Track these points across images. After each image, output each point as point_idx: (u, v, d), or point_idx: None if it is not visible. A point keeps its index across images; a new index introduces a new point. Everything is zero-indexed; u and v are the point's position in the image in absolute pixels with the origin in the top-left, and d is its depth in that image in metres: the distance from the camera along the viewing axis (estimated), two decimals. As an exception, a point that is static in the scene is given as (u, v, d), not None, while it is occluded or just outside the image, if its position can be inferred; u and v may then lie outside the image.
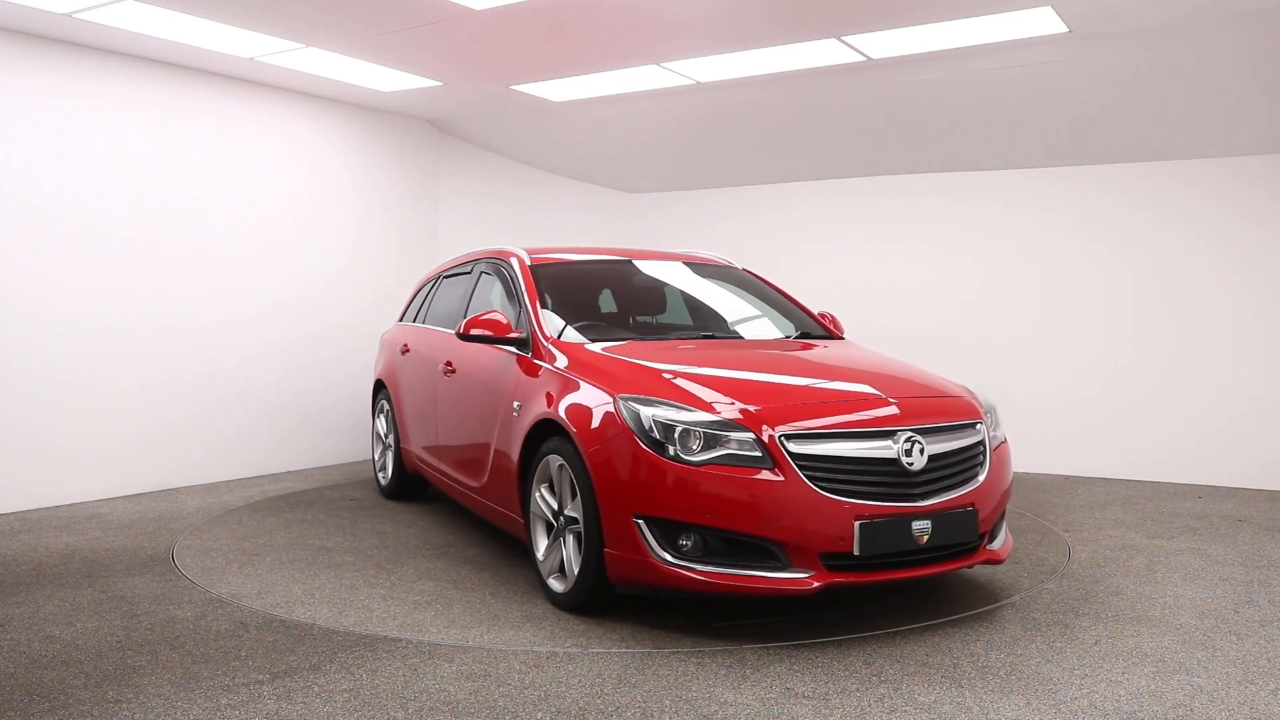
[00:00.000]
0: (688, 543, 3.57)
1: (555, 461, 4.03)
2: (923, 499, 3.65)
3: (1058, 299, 7.24)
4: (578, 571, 3.87)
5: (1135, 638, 3.64)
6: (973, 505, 3.76)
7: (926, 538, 3.61)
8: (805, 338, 4.92)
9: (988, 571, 4.52)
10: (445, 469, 5.39)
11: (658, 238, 8.88)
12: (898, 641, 3.60)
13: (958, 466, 3.81)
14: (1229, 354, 6.64)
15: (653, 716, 2.96)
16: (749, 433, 3.59)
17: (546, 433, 4.13)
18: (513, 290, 4.97)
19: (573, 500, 3.93)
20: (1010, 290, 7.43)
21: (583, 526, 3.83)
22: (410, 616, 3.94)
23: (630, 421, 3.67)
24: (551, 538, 4.10)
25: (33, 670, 3.34)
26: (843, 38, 5.62)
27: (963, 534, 3.74)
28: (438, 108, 7.77)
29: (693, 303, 5.32)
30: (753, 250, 7.84)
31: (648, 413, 3.66)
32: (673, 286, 5.39)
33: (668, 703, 3.05)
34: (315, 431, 7.55)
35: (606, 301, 5.23)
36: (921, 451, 3.67)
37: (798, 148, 7.75)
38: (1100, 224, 7.08)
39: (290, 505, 6.16)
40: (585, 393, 3.95)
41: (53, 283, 6.01)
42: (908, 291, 7.78)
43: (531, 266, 4.99)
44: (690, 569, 3.55)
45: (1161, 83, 5.95)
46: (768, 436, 3.58)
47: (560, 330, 4.55)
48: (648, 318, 5.19)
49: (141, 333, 6.44)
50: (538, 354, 4.42)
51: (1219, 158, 6.64)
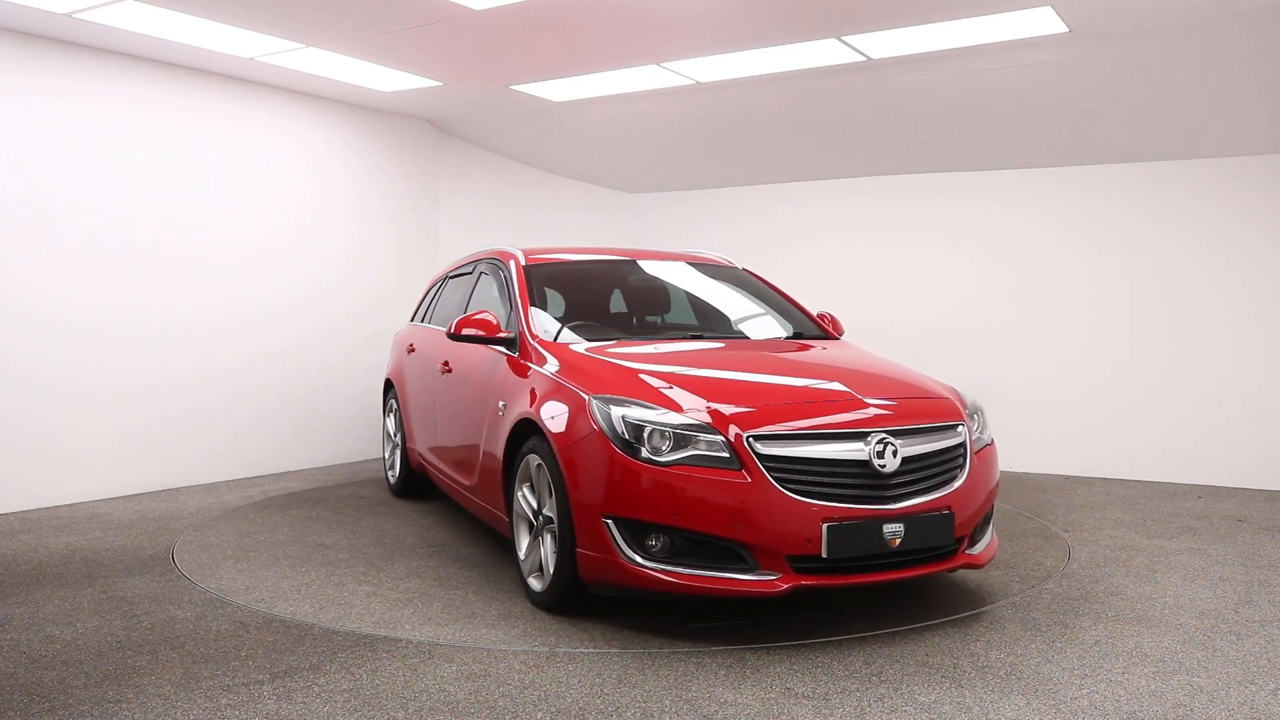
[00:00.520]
0: (656, 543, 3.56)
1: (534, 461, 4.03)
2: (895, 502, 3.59)
3: (1058, 299, 7.24)
4: (553, 571, 3.88)
5: (1135, 638, 3.64)
6: (949, 509, 3.69)
7: (899, 541, 3.55)
8: (799, 338, 4.90)
9: (988, 572, 4.52)
10: (443, 468, 5.40)
11: (658, 238, 8.88)
12: (898, 641, 3.60)
13: (934, 469, 3.75)
14: (1229, 354, 6.64)
15: (653, 716, 2.96)
16: (717, 434, 3.57)
17: (528, 432, 4.13)
18: (507, 290, 4.98)
19: (550, 500, 3.92)
20: (1010, 290, 7.43)
21: (557, 526, 3.84)
22: (389, 613, 3.97)
23: (602, 422, 3.67)
24: (532, 537, 4.11)
25: (33, 670, 3.34)
26: (843, 38, 5.62)
27: (938, 538, 3.67)
28: (438, 108, 7.77)
29: (687, 303, 5.31)
30: (753, 250, 7.84)
31: (618, 413, 3.65)
32: (669, 287, 5.38)
33: (668, 703, 3.05)
34: (316, 432, 7.55)
35: (601, 302, 5.22)
36: (895, 454, 3.61)
37: (798, 148, 7.75)
38: (1100, 224, 7.08)
39: (298, 503, 6.21)
40: (563, 393, 3.95)
41: (53, 283, 6.01)
42: (908, 291, 7.78)
43: (526, 267, 5.00)
44: (658, 570, 3.54)
45: (1161, 83, 5.95)
46: (735, 437, 3.56)
47: (549, 330, 4.56)
48: (642, 318, 5.18)
49: (141, 333, 6.44)
50: (525, 354, 4.42)
51: (1219, 158, 6.64)
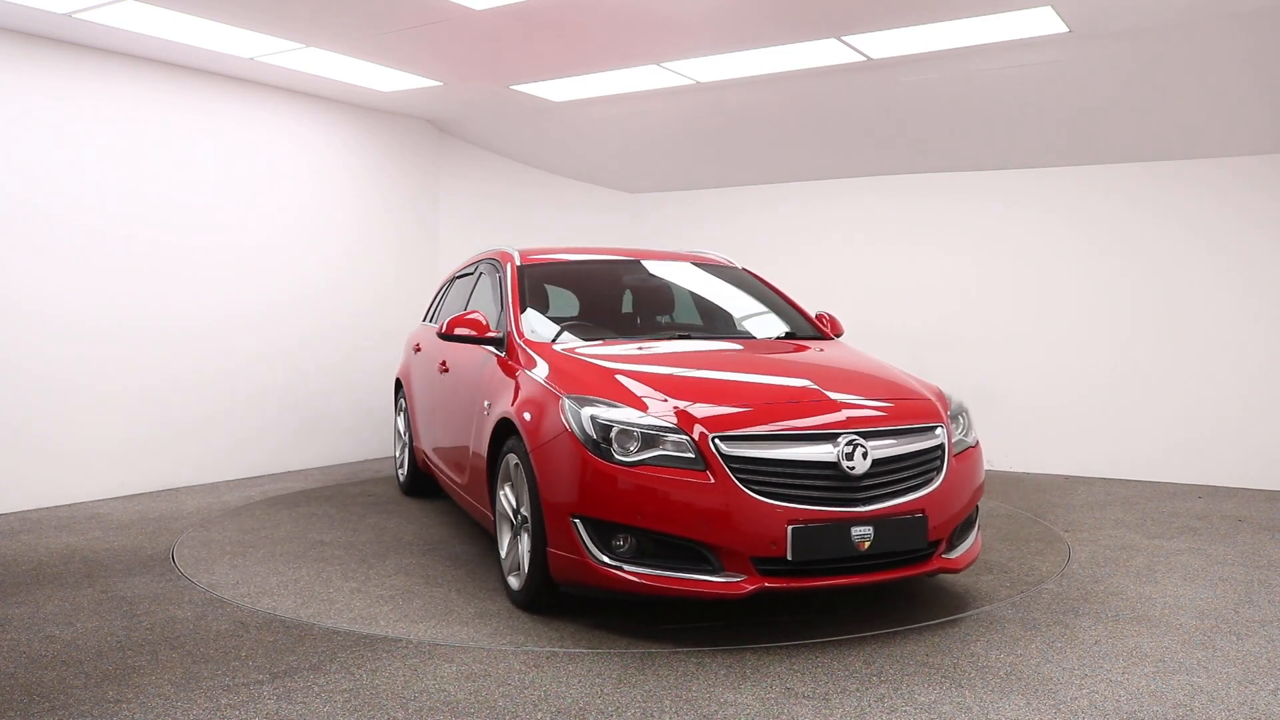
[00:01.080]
0: (622, 544, 3.56)
1: (513, 460, 4.04)
2: (865, 504, 3.54)
3: (1058, 299, 7.24)
4: (527, 570, 3.89)
5: (1135, 638, 3.64)
6: (922, 511, 3.64)
7: (868, 544, 3.51)
8: (793, 338, 4.87)
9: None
10: (442, 466, 5.43)
11: (658, 238, 8.88)
12: (898, 641, 3.60)
13: (907, 471, 3.69)
14: (1229, 354, 6.64)
15: (653, 716, 2.96)
16: (683, 434, 3.56)
17: (509, 431, 4.14)
18: (500, 290, 4.99)
19: (527, 499, 3.93)
20: (1010, 290, 7.43)
21: (530, 525, 3.85)
22: (368, 609, 4.00)
23: (572, 421, 3.67)
24: (512, 536, 4.12)
25: (33, 670, 3.34)
26: (843, 38, 5.62)
27: (910, 541, 3.62)
28: (438, 108, 7.77)
29: (683, 303, 5.30)
30: (753, 250, 7.84)
31: (587, 412, 3.66)
32: (664, 287, 5.36)
33: (668, 703, 3.05)
34: (316, 432, 7.55)
35: (596, 301, 5.23)
36: (864, 455, 3.56)
37: (798, 148, 7.75)
38: (1100, 224, 7.08)
39: (307, 500, 6.27)
40: (540, 392, 3.96)
41: (53, 283, 6.01)
42: (908, 291, 7.78)
43: (520, 267, 5.00)
44: (625, 570, 3.53)
45: (1161, 83, 5.95)
46: (700, 437, 3.54)
47: (537, 330, 4.57)
48: (635, 318, 5.17)
49: (141, 333, 6.44)
50: (511, 354, 4.43)
51: (1219, 158, 6.64)
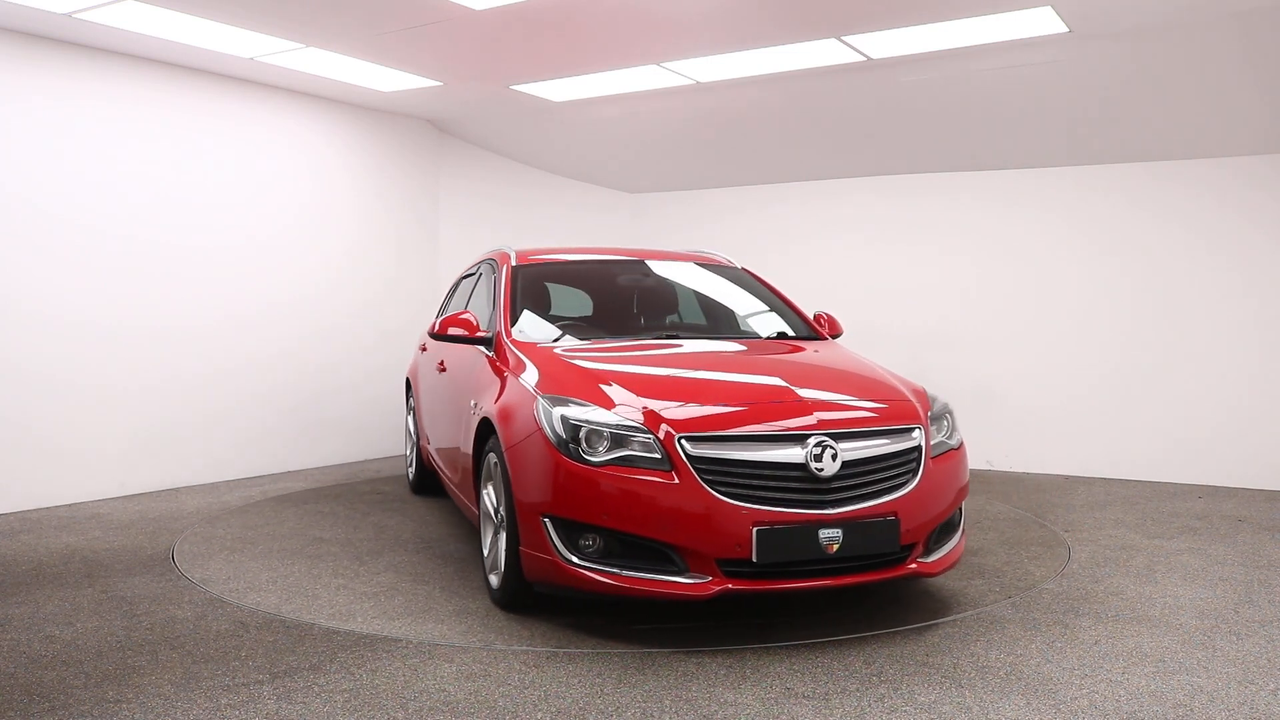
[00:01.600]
0: (590, 544, 3.56)
1: (492, 459, 4.05)
2: (834, 506, 3.50)
3: (1057, 299, 7.24)
4: (503, 569, 3.91)
5: (1135, 638, 3.64)
6: (895, 514, 3.58)
7: (836, 547, 3.47)
8: (784, 338, 4.85)
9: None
10: (441, 465, 5.46)
11: (658, 238, 8.88)
12: (898, 641, 3.60)
13: (880, 473, 3.64)
14: (1229, 354, 6.64)
15: (653, 716, 2.96)
16: (649, 434, 3.55)
17: (492, 430, 4.15)
18: (494, 290, 5.01)
19: (503, 497, 3.95)
20: (1010, 290, 7.42)
21: (505, 524, 3.87)
22: (348, 606, 4.03)
23: (543, 421, 3.68)
24: (494, 535, 4.13)
25: (33, 670, 3.34)
26: (843, 38, 5.62)
27: (881, 545, 3.56)
28: (438, 108, 7.77)
29: (676, 303, 5.28)
30: (753, 250, 7.83)
31: (558, 412, 3.66)
32: (659, 287, 5.35)
33: (668, 703, 3.05)
34: (316, 432, 7.55)
35: (591, 301, 5.23)
36: (834, 457, 3.51)
37: (798, 148, 7.75)
38: (1100, 224, 7.08)
39: (315, 498, 6.32)
40: (519, 391, 3.97)
41: (53, 282, 6.01)
42: (908, 291, 7.78)
43: (515, 267, 5.02)
44: (593, 570, 3.53)
45: (1161, 83, 5.95)
46: (666, 437, 3.53)
47: (526, 330, 4.58)
48: (628, 318, 5.16)
49: (141, 333, 6.44)
50: (499, 354, 4.44)
51: (1219, 158, 6.64)
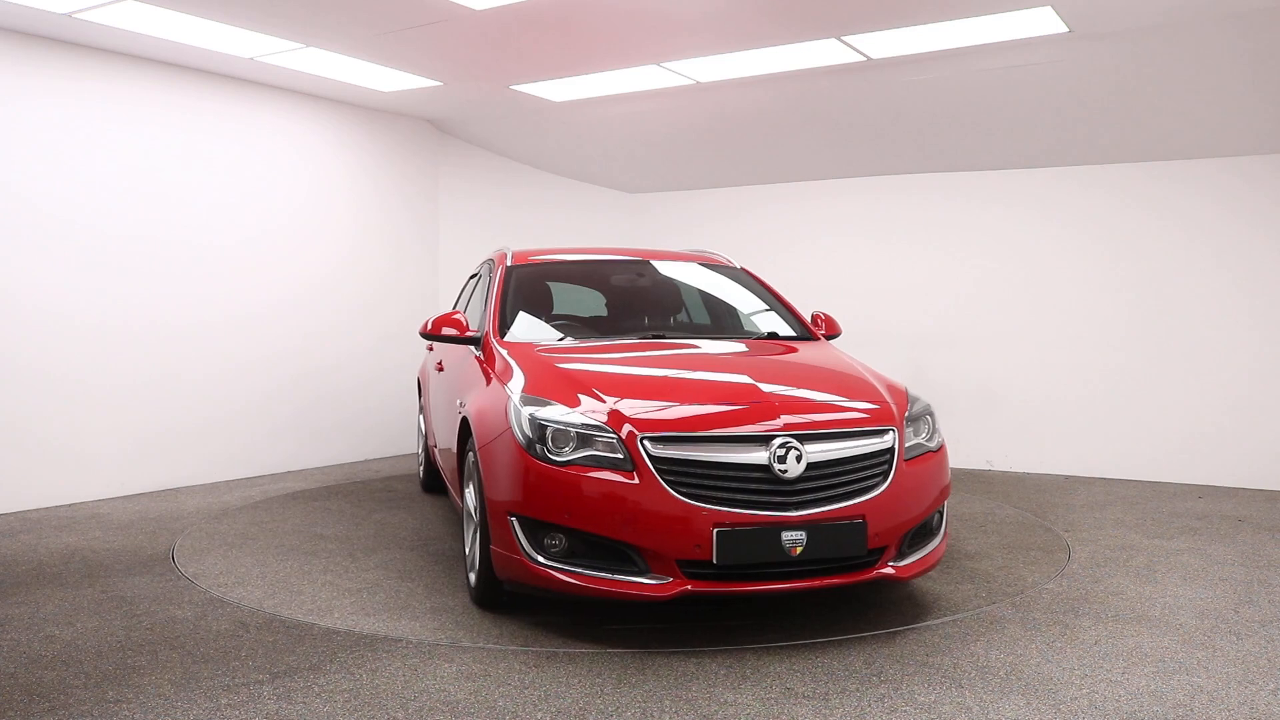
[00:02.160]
0: (555, 543, 3.57)
1: (472, 458, 4.07)
2: (797, 509, 3.46)
3: (1057, 298, 7.24)
4: (478, 567, 3.93)
5: (1135, 638, 3.64)
6: (862, 517, 3.53)
7: (800, 550, 3.43)
8: (774, 338, 4.83)
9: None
10: (440, 463, 5.50)
11: (658, 238, 8.88)
12: (898, 641, 3.60)
13: (847, 476, 3.59)
14: (1229, 354, 6.64)
15: (653, 716, 2.96)
16: (612, 434, 3.55)
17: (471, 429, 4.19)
18: (488, 290, 5.03)
19: (478, 496, 3.98)
20: (1010, 290, 7.43)
21: (479, 522, 3.90)
22: (328, 602, 4.08)
23: (513, 420, 3.70)
24: (474, 533, 4.14)
25: (33, 670, 3.34)
26: (843, 38, 5.62)
27: (847, 548, 3.52)
28: (438, 108, 7.77)
29: (668, 303, 5.27)
30: (753, 250, 7.84)
31: (526, 412, 3.67)
32: (652, 287, 5.34)
33: (668, 703, 3.05)
34: (316, 432, 7.55)
35: (582, 301, 5.24)
36: (799, 459, 3.48)
37: (798, 148, 7.75)
38: (1100, 224, 7.08)
39: (327, 495, 6.39)
40: (496, 390, 4.00)
41: (53, 282, 6.01)
42: (907, 291, 7.78)
43: (509, 267, 5.03)
44: (558, 569, 3.54)
45: (1161, 83, 5.95)
46: (628, 436, 3.52)
47: (513, 330, 4.59)
48: (618, 317, 5.15)
49: (141, 332, 6.44)
50: (487, 353, 4.46)
51: (1218, 158, 6.64)
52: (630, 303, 5.27)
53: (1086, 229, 7.13)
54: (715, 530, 3.40)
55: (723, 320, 5.16)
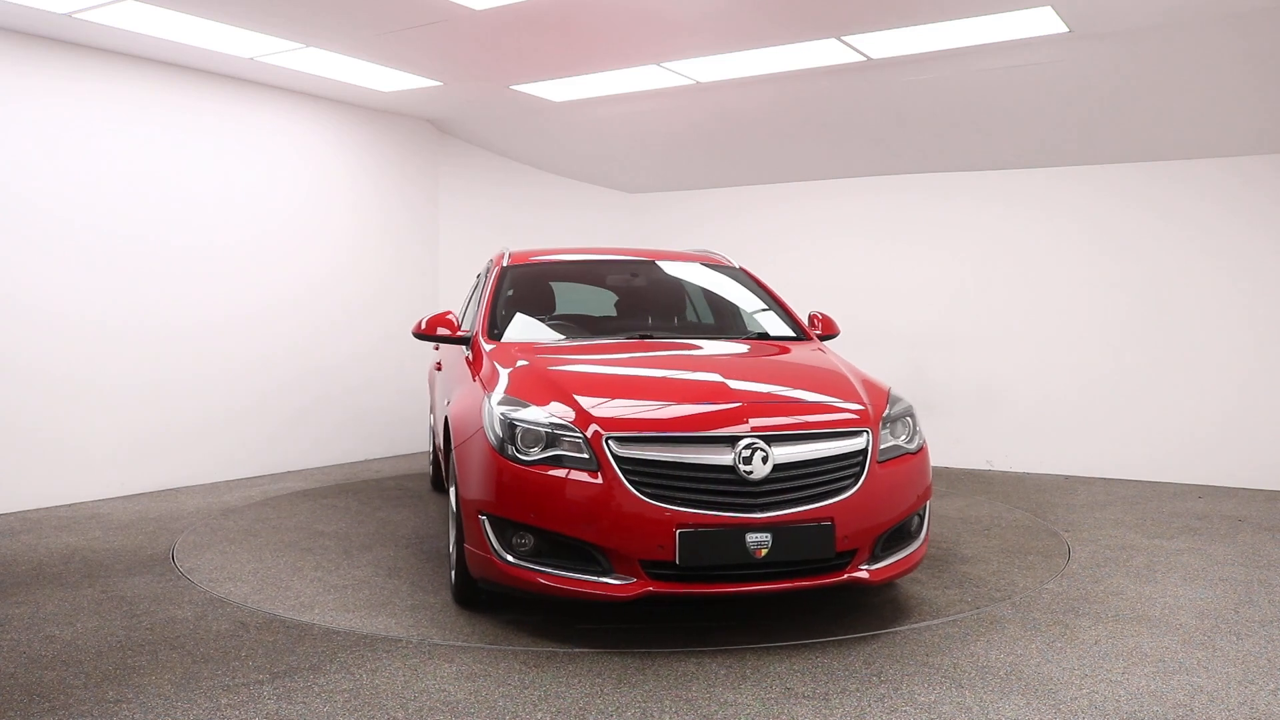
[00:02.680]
0: (523, 542, 3.58)
1: (454, 457, 4.09)
2: (762, 510, 3.44)
3: (1057, 298, 7.24)
4: (456, 565, 3.97)
5: (1135, 638, 3.64)
6: (830, 520, 3.50)
7: (765, 552, 3.41)
8: (764, 338, 4.81)
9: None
10: (441, 462, 5.46)
11: (658, 238, 8.88)
12: (898, 641, 3.60)
13: (816, 478, 3.56)
14: (1229, 354, 6.64)
15: (653, 716, 2.96)
16: (578, 433, 3.55)
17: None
18: (482, 290, 5.04)
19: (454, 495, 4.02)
20: (1010, 290, 7.43)
21: (455, 521, 3.93)
22: (313, 598, 4.12)
23: (487, 420, 3.72)
24: (456, 532, 4.16)
25: (33, 670, 3.34)
26: (843, 38, 5.62)
27: (814, 551, 3.48)
28: (438, 108, 7.77)
29: (662, 303, 5.26)
30: (753, 250, 7.83)
31: (498, 411, 3.69)
32: (646, 287, 5.32)
33: (668, 703, 3.05)
34: (316, 431, 7.55)
35: (576, 301, 5.23)
36: (765, 460, 3.46)
37: (798, 148, 7.75)
38: (1100, 224, 7.08)
39: (337, 493, 6.43)
40: (473, 391, 4.03)
41: (53, 282, 6.01)
42: (907, 291, 7.78)
43: (505, 267, 5.04)
44: (526, 569, 3.55)
45: (1161, 82, 5.95)
46: (594, 436, 3.52)
47: (502, 330, 4.60)
48: (611, 317, 5.14)
49: (141, 332, 6.44)
50: (474, 354, 4.47)
51: (1218, 158, 6.64)
52: (626, 302, 5.26)
53: (1086, 229, 7.12)
54: (678, 531, 3.39)
55: (716, 320, 5.15)
